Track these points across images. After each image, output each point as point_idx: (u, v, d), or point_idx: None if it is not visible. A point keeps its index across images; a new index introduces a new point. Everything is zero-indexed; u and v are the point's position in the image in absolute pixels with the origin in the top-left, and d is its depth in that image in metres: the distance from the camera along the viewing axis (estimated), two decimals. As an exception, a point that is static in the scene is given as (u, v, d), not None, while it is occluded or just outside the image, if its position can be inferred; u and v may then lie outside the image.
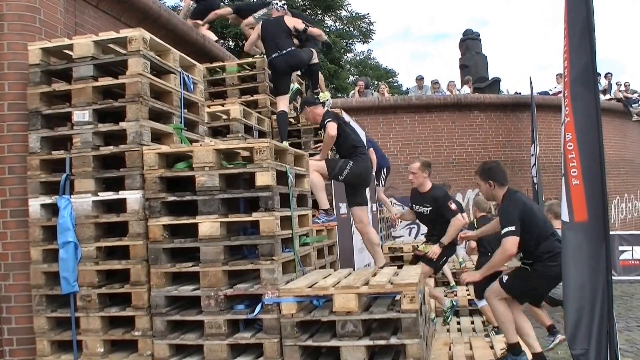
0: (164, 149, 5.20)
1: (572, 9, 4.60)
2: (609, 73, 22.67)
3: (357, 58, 41.95)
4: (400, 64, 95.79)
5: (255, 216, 5.00)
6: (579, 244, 4.50)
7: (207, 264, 5.00)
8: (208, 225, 5.00)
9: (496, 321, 6.55)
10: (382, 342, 4.63)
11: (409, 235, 16.61)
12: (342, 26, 32.32)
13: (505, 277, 6.16)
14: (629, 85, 22.30)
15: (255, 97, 9.19)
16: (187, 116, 6.03)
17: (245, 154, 5.59)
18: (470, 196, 16.99)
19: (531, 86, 16.98)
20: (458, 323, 9.80)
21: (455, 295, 10.66)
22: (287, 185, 5.45)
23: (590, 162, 4.41)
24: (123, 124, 5.24)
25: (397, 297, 4.85)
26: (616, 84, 22.02)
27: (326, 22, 31.22)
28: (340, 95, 27.92)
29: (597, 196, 4.40)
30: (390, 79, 43.36)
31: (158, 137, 5.61)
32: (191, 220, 5.08)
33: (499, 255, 5.90)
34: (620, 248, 15.45)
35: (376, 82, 33.05)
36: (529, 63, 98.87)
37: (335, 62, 29.59)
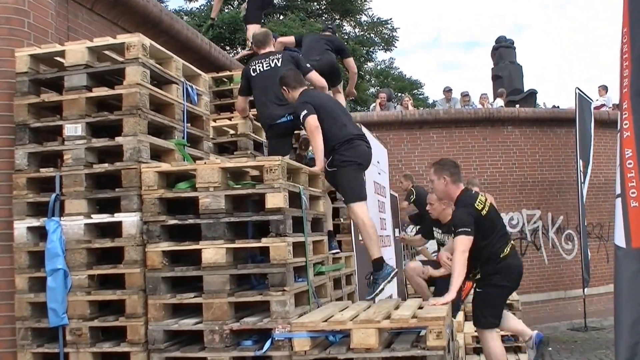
0: (165, 167, 5.18)
1: (636, 10, 4.54)
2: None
3: (379, 67, 42.02)
4: (427, 74, 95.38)
5: (265, 242, 4.96)
6: (636, 274, 4.42)
7: (211, 294, 4.96)
8: (213, 251, 4.97)
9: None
10: (407, 383, 4.56)
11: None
12: (362, 32, 32.46)
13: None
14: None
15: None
16: (190, 131, 6.04)
17: (255, 173, 5.56)
18: (504, 220, 16.86)
19: (576, 97, 16.72)
20: None
21: None
22: (301, 208, 5.41)
23: None
24: (119, 139, 5.23)
25: (422, 333, 4.79)
26: None
27: (345, 28, 31.36)
28: (359, 108, 27.95)
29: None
30: (415, 91, 43.28)
31: (158, 154, 5.62)
32: (194, 246, 5.05)
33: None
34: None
35: (399, 94, 33.06)
36: (569, 75, 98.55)
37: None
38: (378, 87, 32.92)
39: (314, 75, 7.33)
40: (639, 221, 4.40)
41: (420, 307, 5.33)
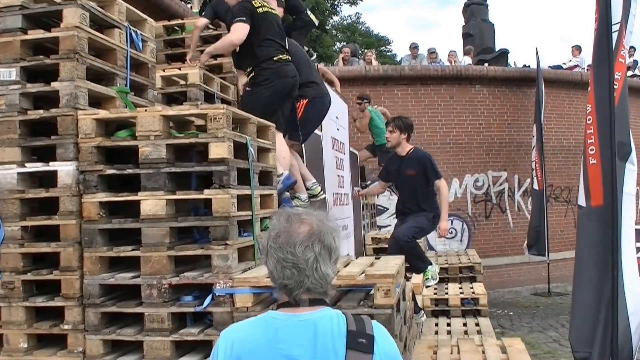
0: (103, 114, 5.10)
1: None
2: (632, 47, 22.55)
3: (345, 22, 41.80)
4: (397, 32, 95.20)
5: (207, 194, 4.91)
6: (593, 233, 4.48)
7: (150, 247, 4.92)
8: (152, 203, 4.92)
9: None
10: (350, 341, 4.57)
11: (398, 225, 16.58)
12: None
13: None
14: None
15: (219, 60, 9.04)
16: (134, 78, 5.93)
17: (202, 123, 5.50)
18: (469, 182, 17.02)
19: (537, 58, 16.92)
20: (448, 325, 9.87)
21: None
22: (248, 160, 5.37)
23: (607, 139, 4.39)
24: (55, 85, 5.11)
25: (372, 291, 4.81)
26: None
27: (310, -20, 31.08)
28: (324, 64, 27.78)
29: (609, 178, 4.38)
30: (383, 48, 43.20)
31: (98, 102, 5.50)
32: (132, 197, 4.99)
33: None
34: (638, 245, 15.49)
35: (365, 51, 32.96)
36: (546, 34, 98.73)
37: (318, 26, 29.44)
38: (344, 43, 32.77)
39: None
40: (597, 179, 4.46)
41: (372, 265, 5.34)
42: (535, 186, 15.92)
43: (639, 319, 4.57)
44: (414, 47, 19.33)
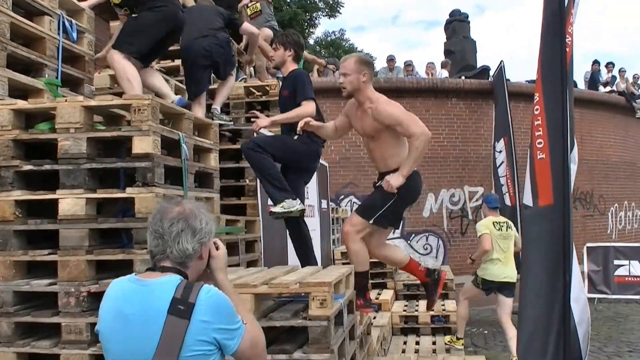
0: (21, 104, 4.66)
1: None
2: (610, 63, 22.40)
3: (329, 39, 41.64)
4: (385, 51, 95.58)
5: (129, 192, 4.48)
6: (543, 236, 4.07)
7: (68, 251, 4.48)
8: (71, 202, 4.47)
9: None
10: (283, 356, 4.16)
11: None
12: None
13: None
14: (638, 78, 22.04)
15: (177, 62, 8.68)
16: (68, 71, 5.56)
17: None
18: (445, 197, 16.62)
19: (503, 71, 16.60)
20: (417, 343, 9.56)
21: None
22: (181, 158, 4.93)
23: (558, 131, 3.98)
24: (-29, 72, 4.70)
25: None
26: (619, 72, 21.66)
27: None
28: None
29: (561, 173, 3.97)
30: (366, 64, 43.03)
31: (25, 94, 5.08)
32: (50, 196, 4.55)
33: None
34: (616, 262, 15.24)
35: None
36: (527, 50, 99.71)
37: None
38: (326, 58, 32.52)
39: None
40: (545, 176, 4.05)
41: (314, 274, 4.92)
42: (508, 202, 15.53)
43: (585, 328, 4.20)
44: (390, 59, 19.00)
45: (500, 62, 16.50)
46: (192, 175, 5.10)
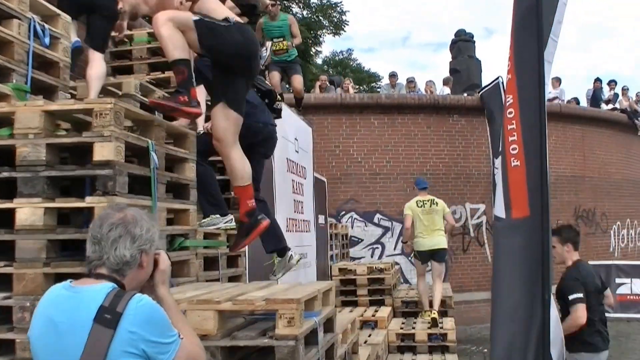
0: (-21, 109, 4.37)
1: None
2: (612, 81, 22.15)
3: (337, 58, 41.57)
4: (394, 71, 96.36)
5: (89, 201, 4.16)
6: (516, 250, 3.74)
7: (25, 263, 4.16)
8: (28, 211, 4.16)
9: None
10: (247, 378, 3.84)
11: (372, 256, 15.93)
12: (310, 15, 31.86)
13: None
14: (641, 95, 21.80)
15: (167, 74, 8.38)
16: (39, 77, 5.26)
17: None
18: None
19: (500, 86, 16.29)
20: (412, 361, 9.32)
21: None
22: (150, 167, 4.63)
23: (534, 136, 3.67)
24: None
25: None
26: (622, 89, 21.35)
27: (292, 9, 30.69)
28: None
29: (538, 182, 3.64)
30: (373, 84, 42.93)
31: (-10, 100, 4.81)
32: (7, 205, 4.24)
33: None
34: (618, 280, 14.96)
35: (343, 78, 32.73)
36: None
37: (302, 54, 29.01)
38: (332, 76, 32.46)
39: None
40: (520, 185, 3.73)
41: (287, 289, 4.60)
42: (509, 220, 15.24)
43: (559, 350, 3.86)
44: (392, 76, 18.79)
45: (498, 77, 16.16)
46: (162, 186, 4.80)
